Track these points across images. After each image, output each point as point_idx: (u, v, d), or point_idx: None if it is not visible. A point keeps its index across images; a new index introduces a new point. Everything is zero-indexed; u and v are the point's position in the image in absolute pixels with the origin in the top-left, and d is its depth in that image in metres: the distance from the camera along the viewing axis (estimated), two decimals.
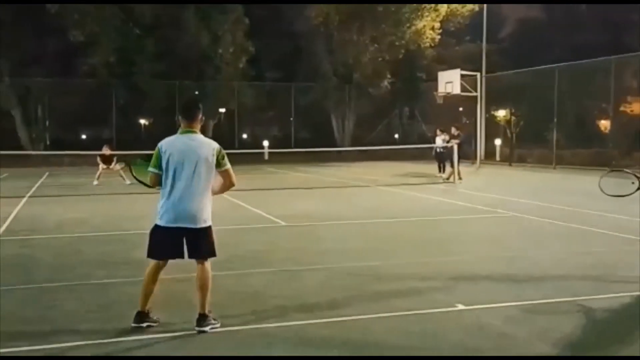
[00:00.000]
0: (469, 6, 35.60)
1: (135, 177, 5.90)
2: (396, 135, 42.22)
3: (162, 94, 33.73)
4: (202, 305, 5.13)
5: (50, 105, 34.04)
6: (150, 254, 5.23)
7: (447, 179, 20.03)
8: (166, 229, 5.09)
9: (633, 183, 7.31)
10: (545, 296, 6.23)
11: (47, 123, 34.79)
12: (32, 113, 33.82)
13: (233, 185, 5.36)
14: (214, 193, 5.30)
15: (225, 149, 5.50)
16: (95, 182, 18.69)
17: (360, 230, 10.61)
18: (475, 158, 30.02)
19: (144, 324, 5.16)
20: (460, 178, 19.65)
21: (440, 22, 35.53)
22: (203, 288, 5.15)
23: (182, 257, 5.17)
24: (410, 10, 34.15)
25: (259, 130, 42.32)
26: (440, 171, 21.49)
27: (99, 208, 13.65)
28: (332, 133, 38.82)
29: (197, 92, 33.77)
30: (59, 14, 30.02)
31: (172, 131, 5.40)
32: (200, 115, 5.28)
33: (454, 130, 21.30)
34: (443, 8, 34.97)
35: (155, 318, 5.24)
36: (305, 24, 35.92)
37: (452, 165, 19.92)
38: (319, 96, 37.97)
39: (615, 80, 26.81)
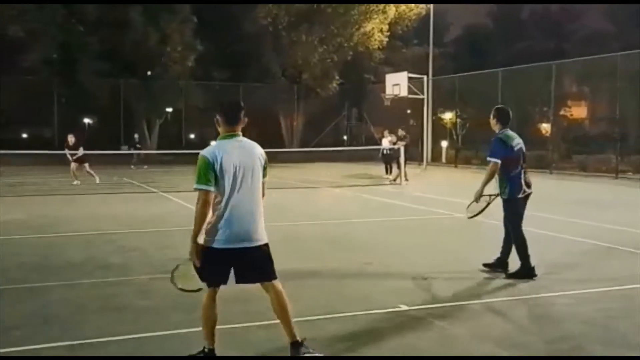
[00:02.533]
0: (416, 10, 36.07)
1: (180, 289, 4.61)
2: (345, 137, 42.44)
3: (107, 92, 33.05)
4: (291, 333, 4.45)
5: None
6: (209, 282, 4.38)
7: (394, 180, 20.22)
8: (222, 250, 4.27)
9: (487, 196, 7.33)
10: (482, 297, 6.34)
11: None
12: None
13: (264, 197, 4.62)
14: None
15: (171, 148, 5.12)
16: (76, 182, 17.84)
17: (307, 232, 10.58)
18: (422, 160, 30.42)
19: None
20: (406, 179, 19.87)
21: (389, 25, 35.87)
22: (284, 313, 4.45)
23: (243, 282, 4.45)
24: (358, 13, 34.38)
25: (207, 131, 41.82)
26: (387, 173, 21.68)
27: (38, 209, 13.21)
28: (281, 134, 38.74)
29: (143, 91, 33.18)
30: None
31: (117, 131, 5.06)
32: (243, 115, 4.57)
33: (400, 132, 21.52)
34: (391, 11, 35.33)
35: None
36: (254, 25, 35.73)
37: (398, 167, 20.11)
38: (267, 97, 37.83)
39: (555, 85, 27.58)
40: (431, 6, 32.94)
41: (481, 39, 48.75)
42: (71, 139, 18.66)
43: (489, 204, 7.35)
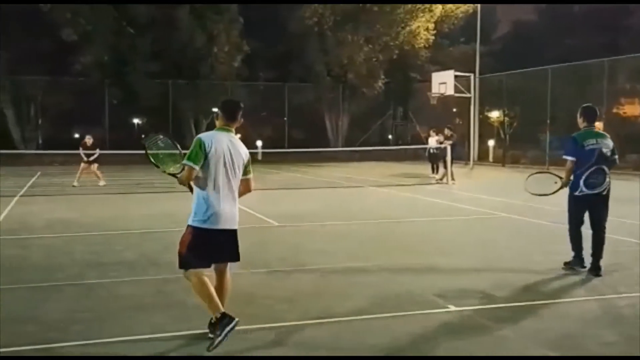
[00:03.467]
0: (463, 8, 35.67)
1: (154, 163, 5.25)
2: (390, 136, 42.25)
3: (156, 93, 33.70)
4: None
5: (43, 104, 33.89)
6: (189, 264, 4.83)
7: (440, 179, 20.04)
8: (211, 231, 4.79)
9: (555, 183, 7.56)
10: (537, 298, 6.23)
11: (40, 122, 34.64)
12: (24, 112, 33.66)
13: (250, 192, 5.25)
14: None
15: None
16: (75, 184, 18.00)
17: (353, 231, 10.59)
18: (469, 159, 30.07)
19: (235, 320, 4.71)
20: (453, 179, 19.67)
21: (435, 23, 35.57)
22: (227, 293, 5.04)
23: (226, 260, 4.97)
24: (404, 11, 34.19)
25: (252, 130, 42.18)
26: (433, 172, 21.50)
27: (92, 208, 13.57)
28: (326, 133, 38.82)
29: (190, 92, 33.72)
30: (52, 12, 29.88)
31: (165, 130, 5.23)
32: (240, 116, 5.04)
33: (447, 131, 21.29)
34: (437, 9, 35.04)
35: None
36: (300, 24, 35.90)
37: (445, 166, 19.93)
38: (312, 96, 37.99)
39: (608, 82, 26.88)
40: (478, 4, 32.50)
41: (530, 36, 47.76)
42: (89, 140, 18.66)
43: (555, 192, 7.57)
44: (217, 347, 4.58)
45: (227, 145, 4.84)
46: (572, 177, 7.25)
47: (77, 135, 40.06)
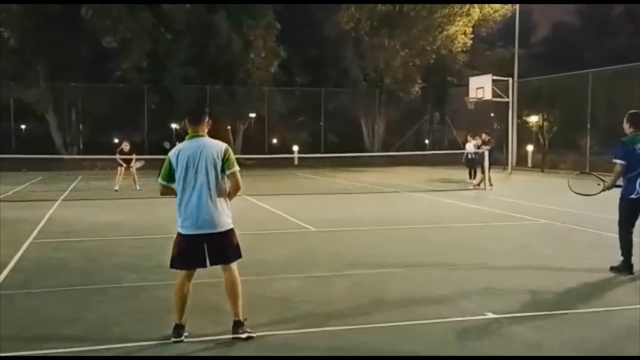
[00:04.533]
0: (501, 11, 35.30)
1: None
2: (426, 141, 42.01)
3: (193, 98, 34.11)
4: (236, 312, 5.07)
5: (84, 109, 34.58)
6: (173, 265, 5.13)
7: (478, 185, 19.84)
8: (188, 236, 4.99)
9: (598, 185, 7.79)
10: (577, 306, 6.13)
11: (81, 127, 35.36)
12: (66, 117, 34.43)
13: (239, 188, 5.09)
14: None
15: (254, 153, 5.46)
16: (116, 188, 18.31)
17: (390, 236, 10.55)
18: (507, 164, 29.70)
19: (183, 337, 5.02)
20: (491, 184, 19.45)
21: (472, 27, 35.27)
22: (234, 294, 5.07)
23: (204, 266, 5.05)
24: (441, 15, 33.99)
25: (289, 135, 42.45)
26: (470, 177, 21.30)
27: (132, 211, 13.82)
28: (362, 138, 38.78)
29: (227, 97, 34.05)
30: (92, 19, 30.53)
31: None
32: (206, 119, 5.14)
33: (485, 136, 21.06)
34: (475, 13, 34.73)
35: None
36: (335, 29, 35.98)
37: (482, 172, 19.72)
38: (348, 101, 38.01)
39: None
40: (517, 6, 32.13)
41: (569, 38, 47.06)
42: (126, 146, 18.93)
43: (598, 193, 7.84)
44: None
45: (193, 152, 4.95)
46: (622, 181, 7.39)
47: (116, 140, 40.87)
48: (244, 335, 5.01)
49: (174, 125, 38.84)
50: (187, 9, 32.37)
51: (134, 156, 18.92)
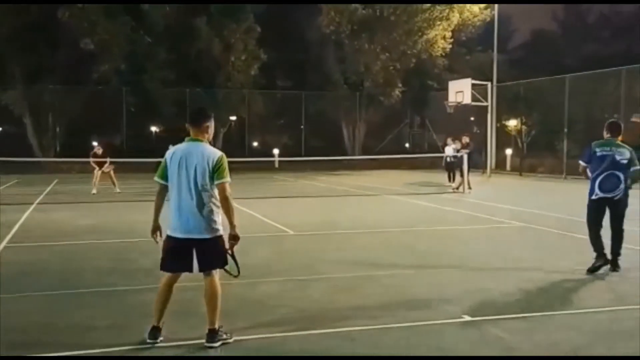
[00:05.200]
0: (480, 16, 35.58)
1: None
2: (407, 144, 42.19)
3: (173, 101, 33.95)
4: (212, 321, 4.99)
5: (61, 112, 34.21)
6: (164, 267, 5.10)
7: (457, 188, 19.97)
8: (176, 239, 4.94)
9: None
10: (553, 308, 6.18)
11: (58, 130, 34.98)
12: (43, 120, 34.00)
13: (227, 199, 4.96)
14: (229, 217, 5.02)
15: (235, 157, 5.38)
16: (94, 191, 18.18)
17: (368, 240, 10.57)
18: (486, 168, 29.93)
19: (159, 340, 5.03)
20: (469, 188, 19.59)
21: (452, 31, 35.51)
22: (212, 302, 4.99)
23: (191, 270, 4.98)
24: (422, 20, 34.17)
25: (270, 139, 42.40)
26: (449, 180, 21.43)
27: (109, 215, 13.69)
28: (343, 141, 38.85)
29: (207, 100, 33.92)
30: (70, 22, 30.24)
31: (183, 138, 5.27)
32: (207, 124, 5.10)
33: (464, 140, 21.24)
34: (455, 17, 34.96)
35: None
36: (316, 33, 36.03)
37: (462, 175, 19.85)
38: (329, 104, 38.06)
39: (626, 90, 26.65)
40: (495, 12, 32.43)
41: (547, 44, 47.57)
42: (99, 150, 18.90)
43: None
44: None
45: (187, 155, 4.92)
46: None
47: (95, 144, 40.46)
48: (217, 344, 4.96)
49: (153, 128, 38.63)
50: (166, 12, 32.20)
51: (107, 159, 18.85)
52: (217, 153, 5.00)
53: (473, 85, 28.19)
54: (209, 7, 32.60)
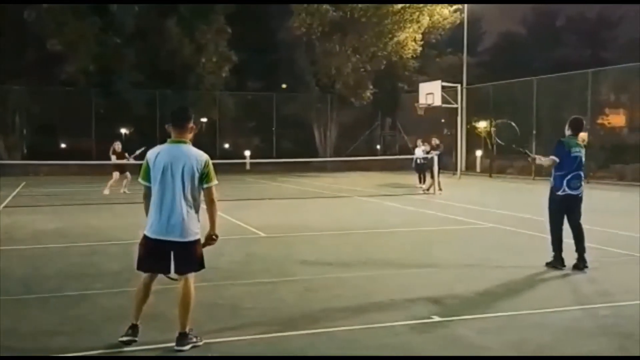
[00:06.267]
0: (450, 18, 35.92)
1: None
2: (378, 146, 42.38)
3: (143, 103, 33.60)
4: (183, 324, 4.95)
5: (28, 113, 33.64)
6: (140, 267, 5.07)
7: (427, 189, 20.11)
8: (155, 241, 4.91)
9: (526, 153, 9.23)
10: (519, 308, 6.26)
11: (25, 131, 34.38)
12: (9, 121, 33.37)
13: (214, 201, 5.05)
14: (211, 219, 5.05)
15: None
16: (106, 192, 17.83)
17: (339, 241, 10.59)
18: (456, 169, 30.20)
19: (136, 338, 5.00)
20: (440, 189, 19.75)
21: (422, 34, 35.77)
22: (186, 305, 4.95)
23: (168, 272, 4.98)
24: (392, 22, 34.36)
25: (241, 140, 42.23)
26: (420, 182, 21.57)
27: (77, 218, 13.49)
28: (314, 143, 38.86)
29: (178, 101, 33.65)
30: (37, 23, 29.74)
31: (153, 140, 5.24)
32: (191, 125, 5.05)
33: (434, 142, 21.40)
34: (425, 20, 35.23)
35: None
36: (288, 35, 36.00)
37: (432, 176, 20.00)
38: (301, 106, 38.06)
39: (592, 93, 27.15)
40: (465, 15, 32.77)
41: (516, 47, 48.28)
42: (117, 146, 18.76)
43: (523, 151, 9.19)
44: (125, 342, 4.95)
45: (172, 157, 4.87)
46: (553, 180, 8.07)
47: (63, 145, 39.91)
48: (187, 347, 4.93)
49: (123, 130, 38.18)
50: (135, 12, 31.86)
51: (127, 157, 18.51)
52: (204, 156, 4.99)
53: (443, 87, 28.42)
54: (179, 7, 32.37)
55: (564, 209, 8.04)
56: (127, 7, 31.32)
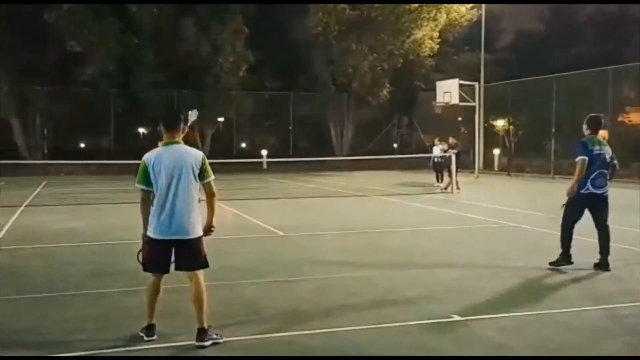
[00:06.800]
0: (468, 16, 35.72)
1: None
2: (395, 145, 42.25)
3: (161, 103, 33.79)
4: (201, 320, 5.03)
5: (49, 114, 33.98)
6: (146, 268, 5.18)
7: (445, 188, 20.02)
8: (160, 241, 5.01)
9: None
10: (541, 307, 6.20)
11: (46, 132, 34.71)
12: (30, 122, 33.78)
13: (214, 195, 5.18)
14: (210, 212, 5.17)
15: (223, 158, 5.39)
16: None
17: (357, 241, 10.57)
18: (474, 168, 30.02)
19: (154, 337, 5.10)
20: (458, 188, 19.64)
21: (439, 32, 35.61)
22: (199, 302, 5.05)
23: (168, 271, 5.11)
24: (409, 20, 34.24)
25: (258, 140, 42.35)
26: (438, 181, 21.48)
27: (97, 217, 13.60)
28: (331, 142, 38.85)
29: (195, 101, 33.83)
30: (57, 24, 30.04)
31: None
32: (182, 126, 5.18)
33: (452, 140, 21.30)
34: (442, 18, 35.07)
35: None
36: (304, 34, 36.01)
37: (450, 175, 19.91)
38: (317, 105, 38.07)
39: (613, 91, 26.85)
40: (482, 12, 32.54)
41: (535, 45, 47.80)
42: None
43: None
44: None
45: (170, 159, 4.99)
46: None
47: (83, 145, 40.31)
48: (208, 343, 4.98)
49: (141, 130, 38.45)
50: (154, 13, 32.06)
51: None
52: (200, 153, 5.14)
53: (461, 85, 28.26)
54: (196, 8, 32.51)
55: (584, 208, 7.94)
56: (146, 7, 31.52)
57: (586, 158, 7.75)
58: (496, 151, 31.86)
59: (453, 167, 19.57)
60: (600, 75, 26.92)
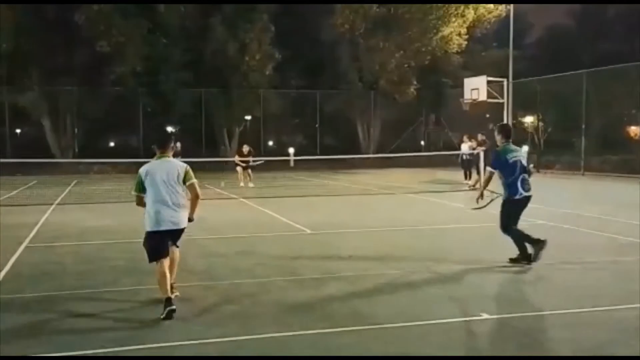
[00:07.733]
0: (495, 12, 35.39)
1: None
2: (422, 142, 42.05)
3: (189, 101, 34.12)
4: (174, 278, 6.43)
5: (79, 113, 34.52)
6: (153, 258, 6.22)
7: (474, 186, 19.85)
8: (159, 233, 6.19)
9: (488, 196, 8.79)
10: (572, 306, 6.14)
11: (76, 131, 35.29)
12: (61, 122, 34.36)
13: (198, 196, 6.41)
14: (192, 208, 6.40)
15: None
16: (242, 184, 20.56)
17: (386, 238, 10.56)
18: None
19: (174, 306, 5.79)
20: None
21: (467, 28, 35.32)
22: (174, 264, 6.49)
23: (167, 255, 6.24)
24: (436, 17, 34.04)
25: (285, 137, 42.50)
26: (466, 178, 21.33)
27: (127, 215, 13.76)
28: (358, 140, 38.83)
29: (222, 100, 34.10)
30: (86, 25, 30.46)
31: (198, 137, 5.56)
32: (171, 144, 6.55)
33: (480, 137, 21.11)
34: (470, 14, 34.80)
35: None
36: (331, 32, 36.02)
37: (478, 173, 19.75)
38: (344, 103, 38.05)
39: None
40: (511, 7, 32.17)
41: (564, 40, 47.14)
42: (245, 148, 21.31)
43: (491, 200, 8.80)
44: (166, 317, 5.69)
45: (160, 169, 6.25)
46: (507, 187, 8.32)
47: (112, 144, 40.83)
48: (177, 293, 6.29)
49: (169, 129, 38.82)
50: (182, 12, 32.36)
51: (250, 159, 21.28)
52: (184, 164, 6.43)
53: (489, 82, 27.98)
54: (223, 7, 32.73)
55: (519, 212, 8.39)
56: (173, 7, 31.84)
57: (494, 171, 8.26)
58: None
59: (481, 164, 19.41)
60: (632, 70, 26.46)
